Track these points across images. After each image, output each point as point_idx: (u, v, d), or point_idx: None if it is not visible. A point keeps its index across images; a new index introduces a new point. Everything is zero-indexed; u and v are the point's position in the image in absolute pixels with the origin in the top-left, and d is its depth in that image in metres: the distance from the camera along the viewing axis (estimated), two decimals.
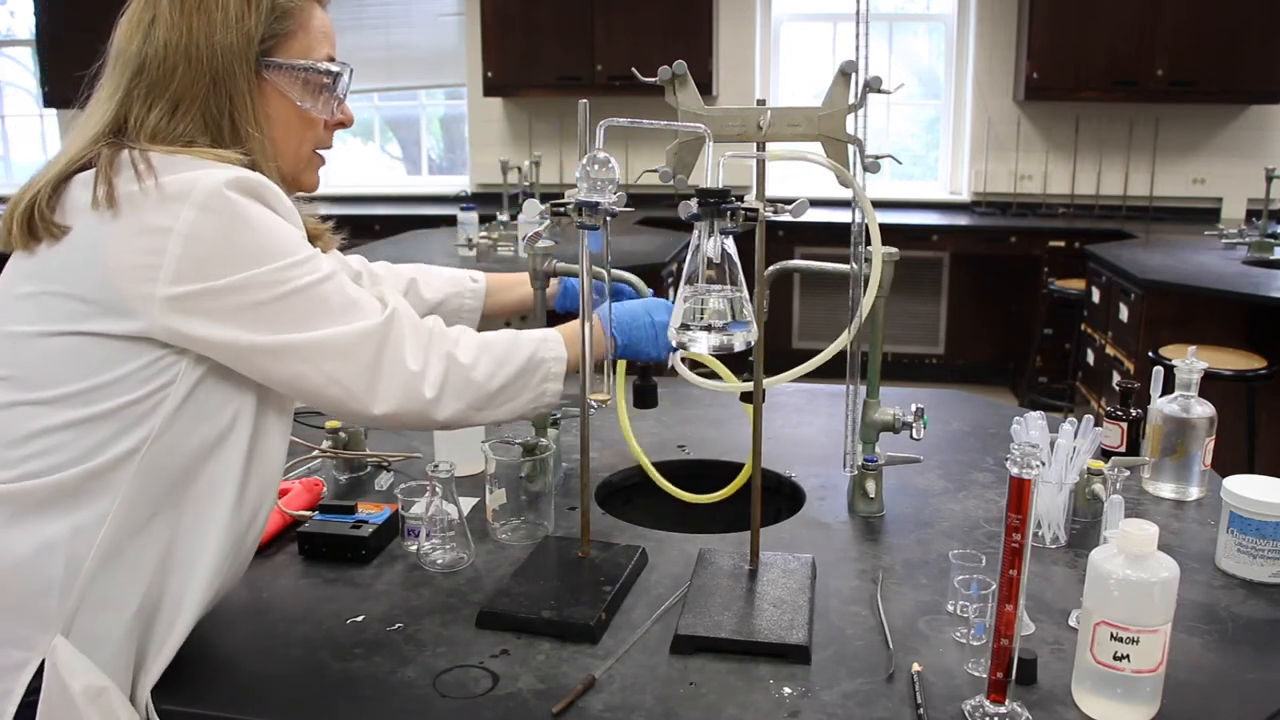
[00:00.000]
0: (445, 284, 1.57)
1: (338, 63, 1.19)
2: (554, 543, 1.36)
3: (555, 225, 1.20)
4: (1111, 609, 0.97)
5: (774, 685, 1.05)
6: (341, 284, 1.08)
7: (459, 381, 1.13)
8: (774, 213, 1.13)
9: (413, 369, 1.09)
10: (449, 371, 1.12)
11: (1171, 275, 3.72)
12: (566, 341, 1.24)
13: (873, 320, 1.43)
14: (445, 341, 1.13)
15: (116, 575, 1.02)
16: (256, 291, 1.02)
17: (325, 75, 1.16)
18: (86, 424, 1.01)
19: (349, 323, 1.07)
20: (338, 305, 1.07)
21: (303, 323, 1.04)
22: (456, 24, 6.10)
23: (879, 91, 1.18)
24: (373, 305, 1.10)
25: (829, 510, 1.51)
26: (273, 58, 1.12)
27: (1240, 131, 5.36)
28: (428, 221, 5.26)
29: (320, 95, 1.17)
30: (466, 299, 1.57)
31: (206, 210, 1.00)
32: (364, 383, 1.07)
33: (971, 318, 5.78)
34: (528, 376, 1.19)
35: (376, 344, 1.07)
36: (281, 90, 1.14)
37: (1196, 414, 1.52)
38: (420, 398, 1.10)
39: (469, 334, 1.17)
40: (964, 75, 5.70)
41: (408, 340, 1.10)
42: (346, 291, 1.09)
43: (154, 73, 1.07)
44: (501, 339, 1.19)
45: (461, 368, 1.13)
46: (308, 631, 1.16)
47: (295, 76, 1.14)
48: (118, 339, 1.01)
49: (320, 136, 1.21)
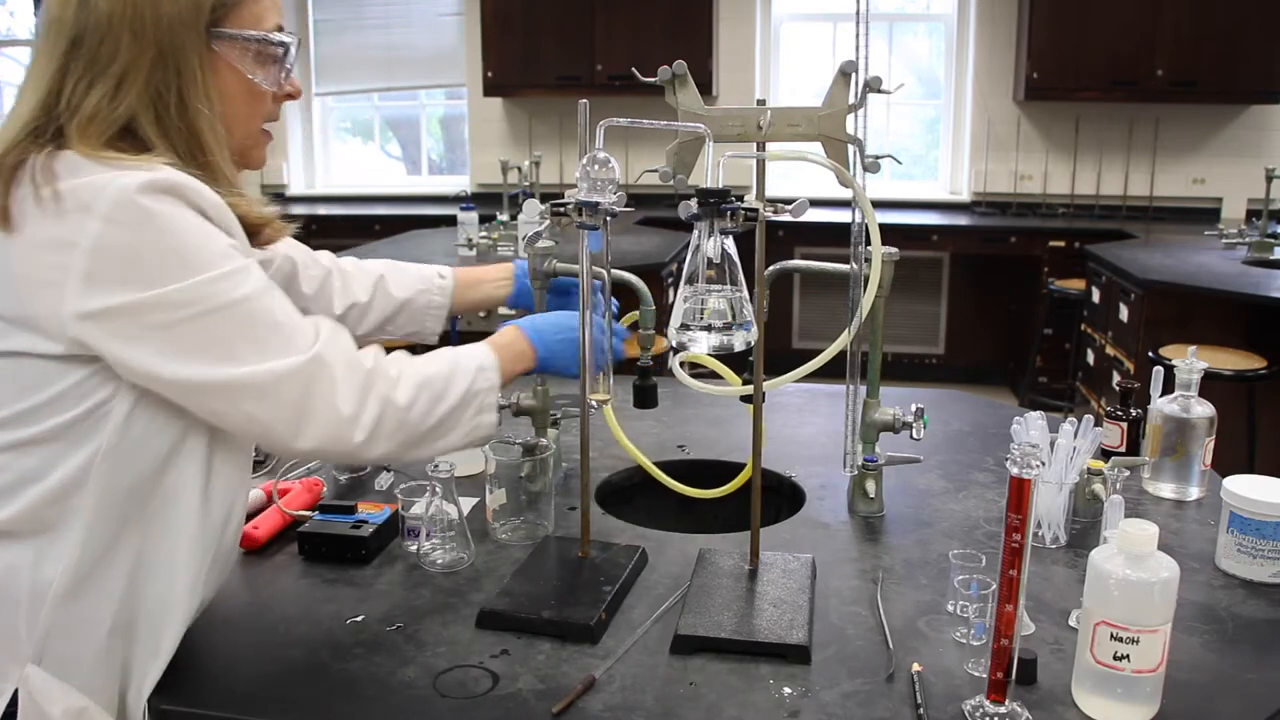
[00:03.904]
0: (414, 281, 1.52)
1: (286, 33, 1.12)
2: (554, 543, 1.36)
3: (555, 225, 1.19)
4: (1111, 609, 0.97)
5: (774, 685, 1.05)
6: (268, 306, 1.01)
7: (393, 424, 1.06)
8: (774, 213, 1.13)
9: (344, 412, 1.02)
10: (384, 415, 1.05)
11: (1171, 275, 3.72)
12: (501, 361, 1.19)
13: (873, 320, 1.43)
14: (383, 382, 1.06)
15: (85, 596, 0.99)
16: (170, 310, 0.95)
17: (277, 46, 1.10)
18: (29, 446, 0.97)
19: (271, 357, 0.99)
20: (261, 331, 0.99)
21: (220, 353, 0.97)
22: (456, 24, 6.10)
23: (879, 91, 1.18)
24: (302, 335, 1.02)
25: (829, 510, 1.51)
26: (223, 28, 1.05)
27: (1240, 131, 5.35)
28: (428, 221, 5.26)
29: (270, 67, 1.10)
30: (434, 296, 1.53)
31: (112, 221, 0.92)
32: (286, 423, 1.00)
33: (971, 318, 5.78)
34: (462, 411, 1.13)
35: (301, 384, 1.00)
36: (232, 62, 1.06)
37: (1196, 414, 1.52)
38: (348, 440, 1.03)
39: (410, 368, 1.10)
40: (964, 75, 5.70)
41: (340, 381, 1.02)
42: (273, 314, 1.01)
43: (94, 46, 0.99)
44: (440, 371, 1.12)
45: (398, 410, 1.06)
46: (308, 631, 1.16)
47: (246, 48, 1.07)
48: (46, 358, 0.96)
49: (269, 110, 1.14)
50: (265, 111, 1.13)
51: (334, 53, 6.36)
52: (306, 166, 6.56)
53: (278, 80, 1.12)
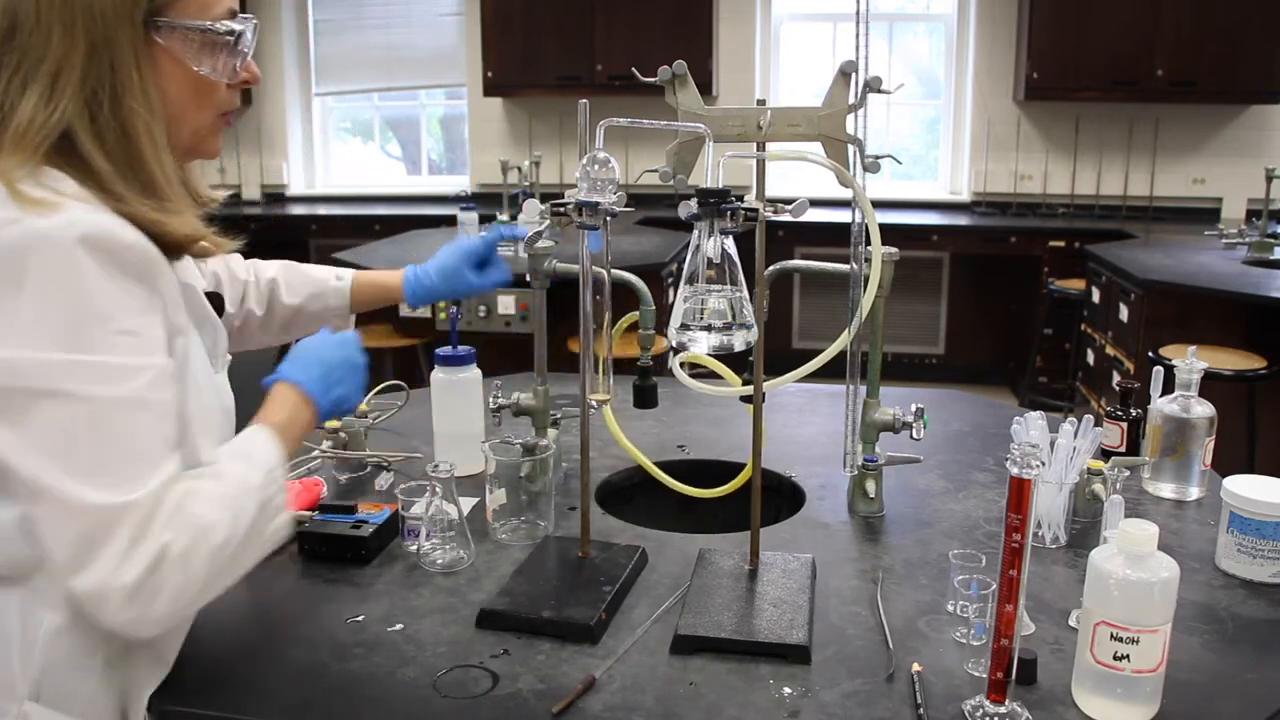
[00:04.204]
0: (307, 286, 1.46)
1: (242, 17, 1.03)
2: (554, 543, 1.36)
3: (555, 225, 1.19)
4: (1111, 609, 0.97)
5: (774, 685, 1.05)
6: (128, 420, 0.88)
7: (163, 611, 0.90)
8: (774, 213, 1.13)
9: (119, 580, 0.87)
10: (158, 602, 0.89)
11: (1171, 275, 3.72)
12: (286, 446, 1.04)
13: (873, 320, 1.43)
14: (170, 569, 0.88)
15: (77, 632, 0.96)
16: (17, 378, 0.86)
17: (228, 35, 1.01)
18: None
19: (89, 482, 0.86)
20: (103, 444, 0.87)
21: (48, 444, 0.86)
22: (456, 24, 6.10)
23: (879, 91, 1.18)
24: (145, 467, 0.89)
25: (829, 510, 1.51)
26: (164, 17, 0.96)
27: (1240, 131, 5.35)
28: (428, 221, 5.27)
29: (220, 56, 1.01)
30: (330, 299, 1.47)
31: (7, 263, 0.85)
32: (70, 556, 0.88)
33: (971, 318, 5.78)
34: (256, 540, 0.97)
35: (97, 528, 0.86)
36: (175, 55, 0.98)
37: (1196, 414, 1.52)
38: (110, 607, 0.88)
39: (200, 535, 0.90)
40: (964, 75, 5.70)
41: (134, 548, 0.87)
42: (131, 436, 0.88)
43: (25, 38, 0.91)
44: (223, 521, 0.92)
45: (172, 602, 0.90)
46: (308, 631, 1.16)
47: (190, 38, 0.98)
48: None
49: (222, 99, 1.05)
50: (218, 101, 1.05)
51: (334, 53, 6.36)
52: (306, 166, 6.56)
53: (231, 69, 1.03)
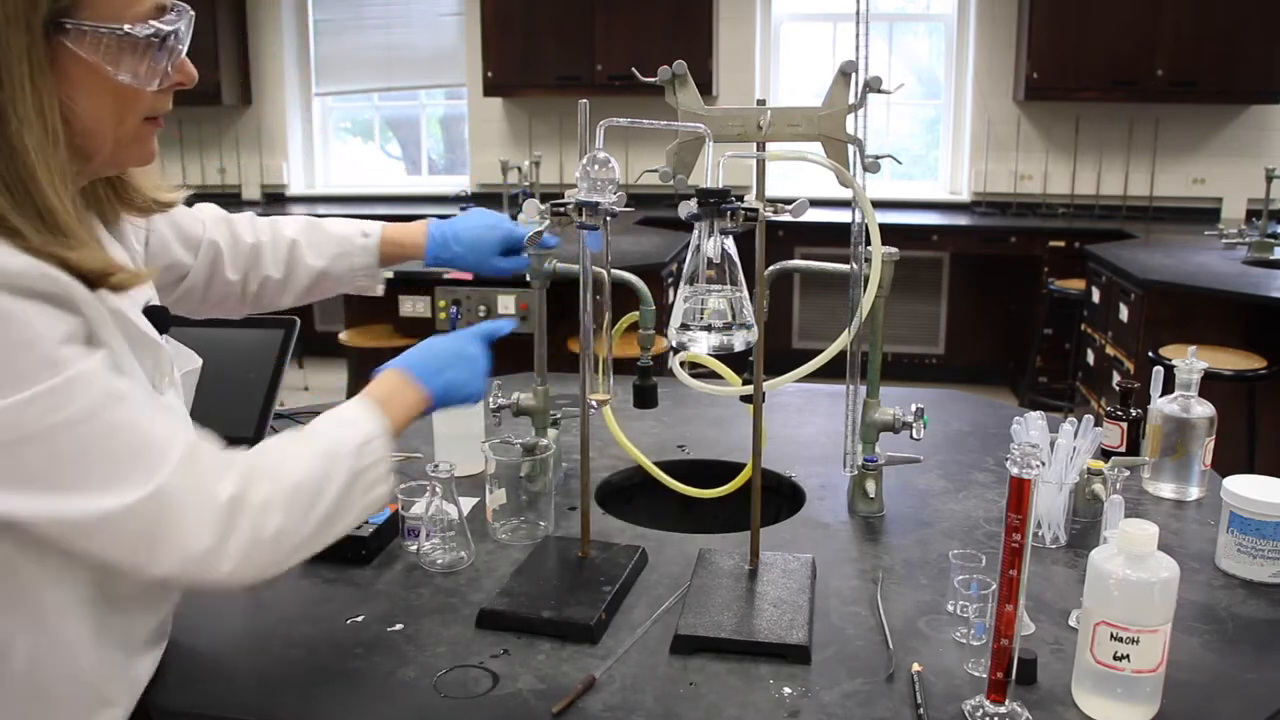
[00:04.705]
0: (332, 246, 1.39)
1: (171, 12, 0.90)
2: (554, 543, 1.36)
3: (555, 225, 1.19)
4: (1111, 609, 0.97)
5: (774, 685, 1.05)
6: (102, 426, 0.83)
7: (268, 550, 0.91)
8: (774, 213, 1.13)
9: (198, 548, 0.87)
10: (254, 543, 0.89)
11: (1171, 275, 3.72)
12: (390, 423, 1.04)
13: (873, 320, 1.43)
14: (248, 512, 0.89)
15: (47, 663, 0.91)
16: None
17: (152, 38, 0.87)
18: None
19: (100, 494, 0.83)
20: (90, 459, 0.83)
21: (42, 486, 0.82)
22: (456, 24, 6.10)
23: (879, 91, 1.18)
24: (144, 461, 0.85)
25: (829, 510, 1.51)
26: (70, 19, 0.83)
27: (1240, 131, 5.35)
28: None
29: (142, 61, 0.88)
30: (356, 258, 1.40)
31: None
32: (134, 556, 0.87)
33: (971, 318, 5.78)
34: (346, 500, 0.97)
35: (145, 526, 0.85)
36: (87, 62, 0.85)
37: (1196, 414, 1.52)
38: (214, 571, 0.88)
39: (277, 480, 0.92)
40: (964, 75, 5.70)
41: (190, 516, 0.86)
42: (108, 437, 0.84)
43: None
44: (311, 473, 0.95)
45: (271, 536, 0.90)
46: (308, 631, 1.16)
47: (106, 43, 0.85)
48: None
49: (150, 103, 0.93)
50: (145, 106, 0.92)
51: (334, 53, 6.36)
52: (306, 166, 6.56)
53: (156, 74, 0.90)
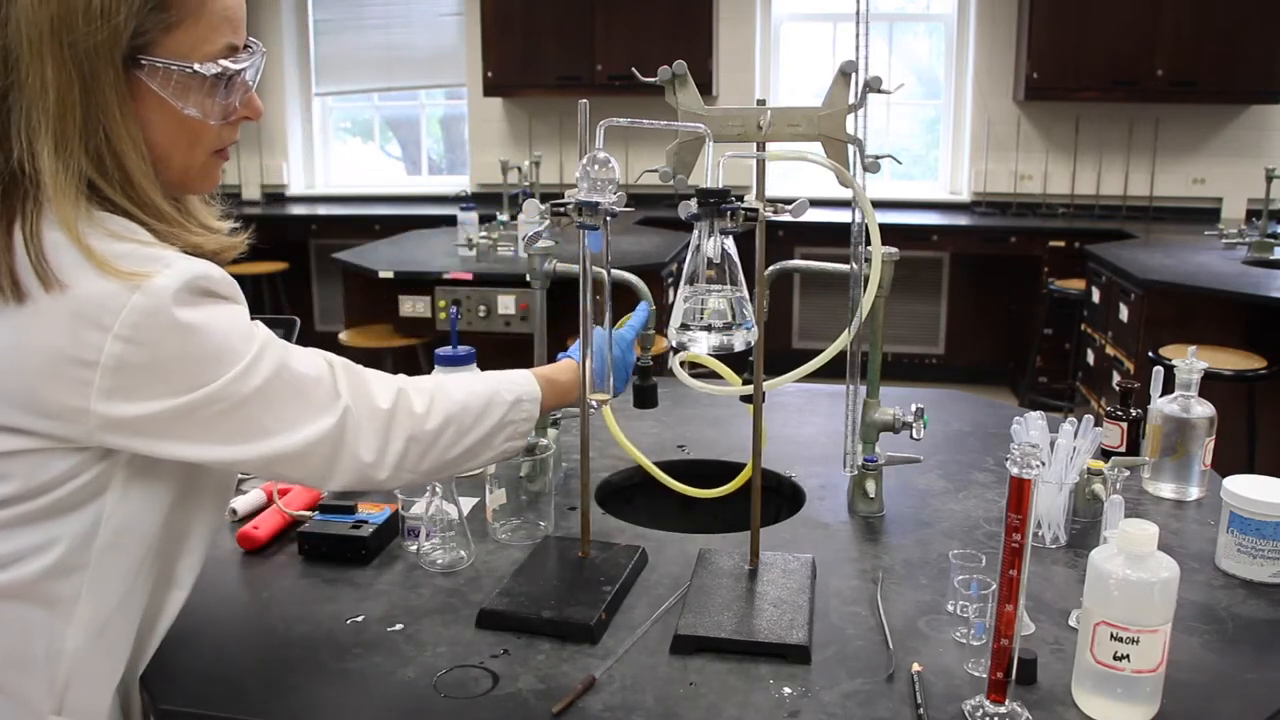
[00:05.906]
0: None
1: (244, 52, 0.98)
2: (554, 543, 1.36)
3: (555, 225, 1.19)
4: (1111, 609, 0.97)
5: (774, 685, 1.05)
6: (290, 377, 0.99)
7: (416, 458, 1.08)
8: (774, 213, 1.13)
9: (367, 459, 1.04)
10: (407, 452, 1.07)
11: (1171, 275, 3.72)
12: (545, 395, 1.21)
13: (873, 320, 1.43)
14: (406, 421, 1.07)
15: (102, 647, 0.99)
16: (201, 409, 0.93)
17: (218, 77, 0.95)
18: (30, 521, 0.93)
19: (300, 428, 0.99)
20: (289, 405, 0.99)
21: (252, 434, 0.97)
22: (456, 24, 6.10)
23: (879, 91, 1.18)
24: (324, 390, 1.02)
25: (829, 510, 1.51)
26: (145, 56, 0.91)
27: (1240, 131, 5.36)
28: (428, 221, 5.27)
29: (212, 96, 0.96)
30: None
31: (132, 341, 0.88)
32: (317, 477, 1.04)
33: (971, 318, 5.78)
34: (489, 440, 1.15)
35: (330, 445, 1.01)
36: (159, 94, 0.93)
37: (1196, 414, 1.52)
38: (373, 479, 1.06)
39: (442, 398, 1.11)
40: (964, 75, 5.70)
41: (363, 434, 1.04)
42: (294, 383, 0.99)
43: (23, 76, 0.88)
44: (474, 403, 1.14)
45: (423, 446, 1.08)
46: (308, 631, 1.16)
47: (177, 80, 0.93)
48: (42, 436, 0.91)
49: (218, 137, 1.01)
50: (212, 139, 1.00)
51: (334, 53, 6.36)
52: (306, 166, 6.57)
53: (224, 110, 0.98)
